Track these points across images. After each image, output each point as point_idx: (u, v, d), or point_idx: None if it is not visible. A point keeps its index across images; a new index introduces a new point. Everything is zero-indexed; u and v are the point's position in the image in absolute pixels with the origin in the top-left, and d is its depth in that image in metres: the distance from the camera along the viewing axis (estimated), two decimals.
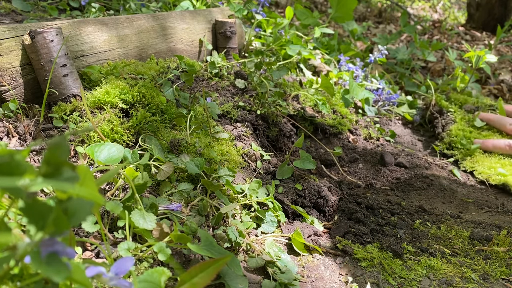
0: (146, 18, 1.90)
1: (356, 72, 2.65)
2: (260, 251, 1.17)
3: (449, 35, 5.22)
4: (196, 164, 1.30)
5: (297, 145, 1.58)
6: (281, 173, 1.64)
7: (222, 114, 1.81)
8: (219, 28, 2.27)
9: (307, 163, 1.63)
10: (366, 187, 1.86)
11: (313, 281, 1.16)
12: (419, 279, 1.23)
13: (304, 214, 1.42)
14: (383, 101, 2.62)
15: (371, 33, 4.86)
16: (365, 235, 1.41)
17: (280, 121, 1.93)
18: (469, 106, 2.51)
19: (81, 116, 1.38)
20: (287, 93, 2.12)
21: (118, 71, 1.61)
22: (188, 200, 1.23)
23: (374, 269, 1.25)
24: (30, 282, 0.57)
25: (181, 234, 0.94)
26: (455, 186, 1.99)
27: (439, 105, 2.53)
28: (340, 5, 2.89)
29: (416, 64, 3.60)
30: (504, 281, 1.28)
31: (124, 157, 1.21)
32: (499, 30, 2.90)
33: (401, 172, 2.01)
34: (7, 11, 2.19)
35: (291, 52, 2.40)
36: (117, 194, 1.17)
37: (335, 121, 2.15)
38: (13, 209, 0.87)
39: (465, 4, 6.90)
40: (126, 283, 0.65)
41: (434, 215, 1.67)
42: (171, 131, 1.50)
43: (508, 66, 4.10)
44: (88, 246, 1.02)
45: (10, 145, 1.26)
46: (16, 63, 1.33)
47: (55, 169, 0.50)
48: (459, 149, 2.23)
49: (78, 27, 1.54)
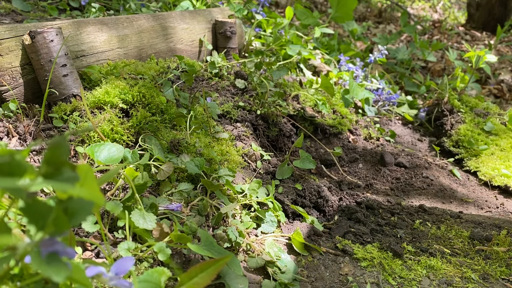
0: (146, 18, 1.90)
1: (356, 72, 2.65)
2: (260, 251, 1.17)
3: (449, 35, 5.22)
4: (196, 164, 1.30)
5: (297, 145, 1.58)
6: (281, 173, 1.64)
7: (222, 114, 1.81)
8: (219, 28, 2.27)
9: (307, 163, 1.63)
10: (366, 187, 1.86)
11: (313, 281, 1.16)
12: (419, 279, 1.23)
13: (304, 214, 1.42)
14: (383, 101, 2.62)
15: (371, 33, 4.86)
16: (365, 235, 1.41)
17: (280, 121, 1.93)
18: (479, 110, 2.52)
19: (81, 116, 1.38)
20: (287, 93, 2.12)
21: (118, 71, 1.61)
22: (188, 200, 1.23)
23: (374, 269, 1.25)
24: (30, 282, 0.57)
25: (181, 234, 0.94)
26: (455, 186, 1.99)
27: (451, 103, 2.53)
28: (340, 5, 2.89)
29: (416, 64, 3.60)
30: (504, 281, 1.28)
31: (124, 157, 1.21)
32: (499, 30, 2.90)
33: (401, 172, 2.01)
34: (7, 11, 2.19)
35: (291, 52, 2.40)
36: (117, 194, 1.17)
37: (335, 121, 2.15)
38: (13, 209, 0.87)
39: (465, 4, 6.90)
40: (126, 283, 0.65)
41: (434, 215, 1.67)
42: (171, 131, 1.50)
43: (508, 66, 4.10)
44: (88, 246, 1.02)
45: (10, 145, 1.26)
46: (16, 63, 1.33)
47: (55, 169, 0.50)
48: (465, 148, 2.24)
49: (78, 27, 1.54)
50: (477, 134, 2.30)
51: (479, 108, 2.56)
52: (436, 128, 2.55)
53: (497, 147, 2.21)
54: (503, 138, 2.28)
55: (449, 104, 2.55)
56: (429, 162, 2.16)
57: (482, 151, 2.18)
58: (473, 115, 2.47)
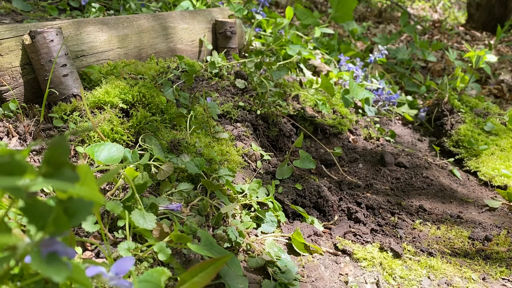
0: (146, 18, 1.90)
1: (356, 72, 2.65)
2: (260, 251, 1.17)
3: (449, 35, 5.22)
4: (196, 164, 1.30)
5: (297, 144, 1.58)
6: (281, 173, 1.64)
7: (222, 114, 1.81)
8: (219, 28, 2.27)
9: (307, 162, 1.63)
10: (366, 187, 1.86)
11: (313, 281, 1.16)
12: (419, 279, 1.23)
13: (304, 214, 1.42)
14: (383, 101, 2.62)
15: (371, 33, 4.86)
16: (365, 235, 1.41)
17: (280, 121, 1.93)
18: (479, 110, 2.52)
19: (81, 116, 1.38)
20: (287, 93, 2.12)
21: (118, 71, 1.61)
22: (188, 200, 1.23)
23: (374, 269, 1.25)
24: (30, 282, 0.57)
25: (181, 234, 0.94)
26: (455, 186, 1.99)
27: (451, 103, 2.53)
28: (340, 5, 2.89)
29: (416, 64, 3.60)
30: (504, 281, 1.28)
31: (124, 157, 1.21)
32: (499, 30, 2.90)
33: (401, 172, 2.01)
34: (7, 11, 2.19)
35: (291, 52, 2.40)
36: (117, 194, 1.17)
37: (335, 121, 2.15)
38: (13, 209, 0.87)
39: (465, 4, 6.90)
40: (126, 283, 0.65)
41: (434, 215, 1.67)
42: (171, 131, 1.50)
43: (508, 66, 4.10)
44: (88, 246, 1.02)
45: (10, 145, 1.26)
46: (16, 63, 1.33)
47: (55, 169, 0.50)
48: (465, 148, 2.24)
49: (78, 27, 1.54)
50: (477, 134, 2.31)
51: (479, 108, 2.56)
52: (436, 128, 2.55)
53: (497, 147, 2.21)
54: (503, 138, 2.28)
55: (449, 104, 2.55)
56: (429, 162, 2.16)
57: (482, 151, 2.18)
58: (473, 115, 2.47)
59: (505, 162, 2.11)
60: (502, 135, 2.32)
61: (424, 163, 2.14)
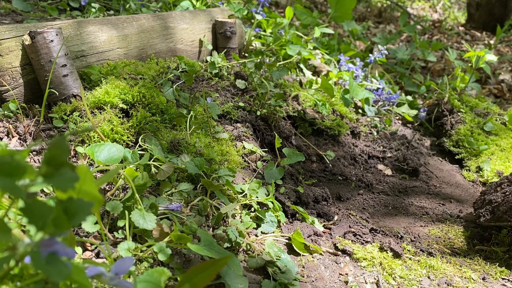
0: (146, 18, 1.90)
1: (356, 72, 2.65)
2: (260, 251, 1.17)
3: (449, 35, 5.22)
4: (196, 164, 1.30)
5: (277, 145, 1.52)
6: (270, 175, 1.54)
7: (222, 115, 1.81)
8: (219, 28, 2.27)
9: (294, 157, 1.57)
10: (366, 187, 1.86)
11: (313, 281, 1.16)
12: (419, 279, 1.23)
13: (304, 214, 1.42)
14: (383, 101, 2.62)
15: (371, 33, 4.86)
16: (365, 235, 1.41)
17: (280, 122, 1.93)
18: (479, 110, 2.52)
19: (81, 116, 1.38)
20: (287, 93, 2.12)
21: (118, 71, 1.61)
22: (188, 200, 1.23)
23: (374, 269, 1.25)
24: (30, 282, 0.57)
25: (181, 234, 0.94)
26: (455, 186, 1.99)
27: (451, 103, 2.53)
28: (339, 5, 2.89)
29: (416, 64, 3.60)
30: (504, 281, 1.28)
31: (124, 157, 1.21)
32: (499, 30, 2.90)
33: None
34: (7, 11, 2.19)
35: (291, 52, 2.40)
36: (117, 194, 1.17)
37: (334, 122, 2.15)
38: (13, 209, 0.87)
39: (465, 4, 6.90)
40: (126, 283, 0.65)
41: (434, 215, 1.67)
42: (171, 131, 1.50)
43: (508, 66, 4.10)
44: (88, 246, 1.02)
45: (10, 145, 1.26)
46: (16, 63, 1.33)
47: (55, 169, 0.50)
48: (466, 148, 2.24)
49: (78, 27, 1.54)
50: (477, 134, 2.31)
51: (479, 108, 2.56)
52: (436, 128, 2.55)
53: (497, 147, 2.21)
54: (503, 138, 2.28)
55: (449, 104, 2.55)
56: (429, 162, 2.16)
57: (482, 151, 2.18)
58: (473, 115, 2.47)
59: (505, 162, 2.11)
60: (502, 135, 2.32)
61: (424, 163, 2.14)
